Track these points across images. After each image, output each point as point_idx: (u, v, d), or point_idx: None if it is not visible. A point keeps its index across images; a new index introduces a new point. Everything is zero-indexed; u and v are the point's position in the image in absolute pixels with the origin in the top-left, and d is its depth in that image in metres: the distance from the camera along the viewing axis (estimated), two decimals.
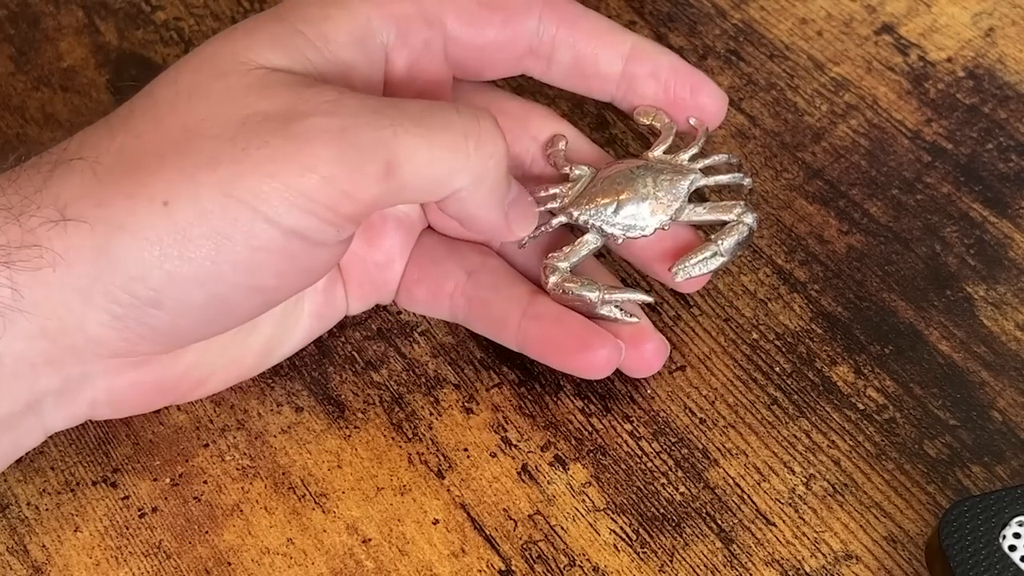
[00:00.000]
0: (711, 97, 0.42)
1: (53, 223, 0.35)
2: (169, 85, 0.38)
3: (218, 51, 0.38)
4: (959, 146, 0.47)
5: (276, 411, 0.43)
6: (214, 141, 0.35)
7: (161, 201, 0.35)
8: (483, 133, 0.37)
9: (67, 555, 0.41)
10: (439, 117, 0.36)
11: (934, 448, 0.41)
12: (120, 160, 0.36)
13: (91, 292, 0.35)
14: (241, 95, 0.36)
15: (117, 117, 0.38)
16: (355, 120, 0.35)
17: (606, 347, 0.41)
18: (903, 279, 0.45)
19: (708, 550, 0.40)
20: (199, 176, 0.35)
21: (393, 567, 0.40)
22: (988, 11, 0.51)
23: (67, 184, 0.36)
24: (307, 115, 0.35)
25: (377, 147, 0.35)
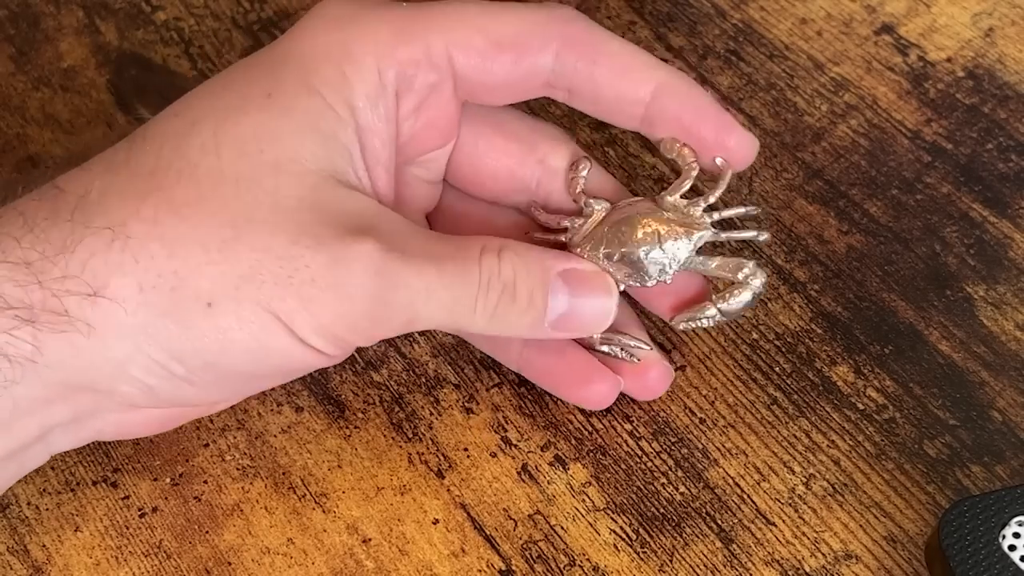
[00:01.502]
0: (738, 141, 0.40)
1: (83, 295, 0.35)
2: (208, 155, 0.37)
3: (261, 134, 0.37)
4: (959, 146, 0.48)
5: (276, 411, 0.43)
6: (262, 255, 0.36)
7: (206, 302, 0.36)
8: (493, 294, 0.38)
9: (67, 555, 0.41)
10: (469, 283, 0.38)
11: (934, 448, 0.41)
12: (154, 235, 0.36)
13: (127, 364, 0.36)
14: (294, 208, 0.36)
15: (141, 166, 0.37)
16: (395, 283, 0.36)
17: (605, 383, 0.41)
18: (903, 279, 0.45)
19: (708, 550, 0.40)
20: (244, 287, 0.36)
21: (393, 567, 0.40)
22: (988, 11, 0.51)
23: (96, 254, 0.35)
24: (358, 270, 0.36)
25: (406, 310, 0.37)
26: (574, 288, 0.39)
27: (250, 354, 0.37)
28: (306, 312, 0.36)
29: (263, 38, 0.53)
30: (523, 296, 0.38)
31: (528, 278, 0.38)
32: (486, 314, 0.38)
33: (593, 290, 0.39)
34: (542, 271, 0.39)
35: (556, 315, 0.39)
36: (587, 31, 0.40)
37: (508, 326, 0.39)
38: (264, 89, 0.38)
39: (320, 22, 0.39)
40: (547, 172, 0.42)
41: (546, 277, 0.39)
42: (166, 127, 0.38)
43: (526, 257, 0.38)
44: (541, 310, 0.39)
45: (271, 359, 0.37)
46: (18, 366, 0.35)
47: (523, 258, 0.38)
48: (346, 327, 0.37)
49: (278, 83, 0.38)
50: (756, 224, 0.42)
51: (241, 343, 0.36)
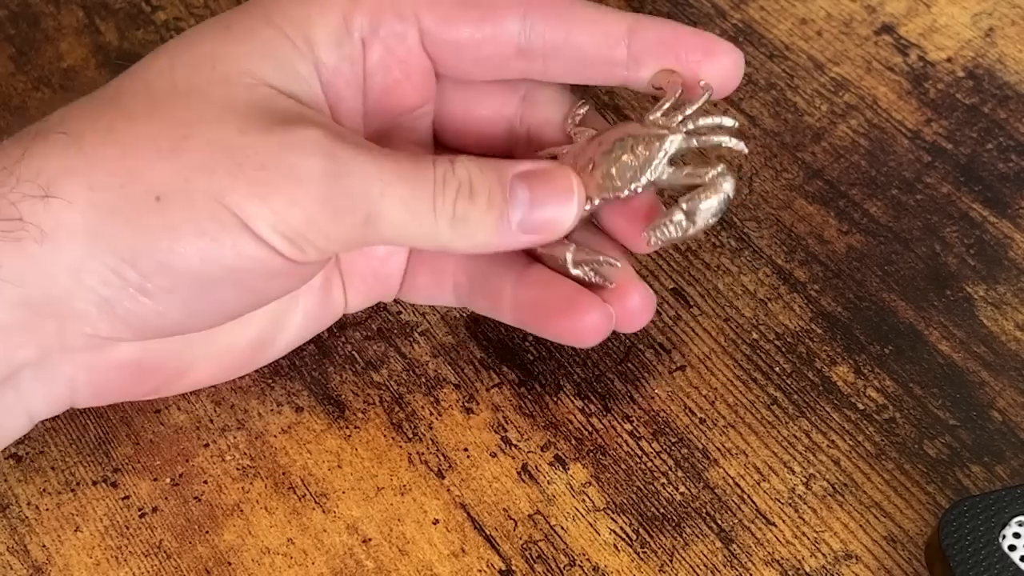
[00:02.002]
0: (726, 56, 0.40)
1: (36, 198, 0.35)
2: (164, 75, 0.38)
3: (216, 53, 0.38)
4: (959, 146, 0.48)
5: (276, 411, 0.43)
6: (211, 147, 0.36)
7: (155, 195, 0.35)
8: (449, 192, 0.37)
9: (67, 555, 0.41)
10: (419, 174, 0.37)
11: (934, 448, 0.41)
12: (109, 140, 0.36)
13: (80, 271, 0.36)
14: (243, 109, 0.37)
15: (103, 94, 0.38)
16: (348, 169, 0.36)
17: (595, 311, 0.40)
18: (903, 279, 0.45)
19: (708, 550, 0.40)
20: (194, 179, 0.35)
21: (393, 567, 0.40)
22: (988, 11, 0.51)
23: (51, 158, 0.36)
24: (301, 150, 0.36)
25: (363, 200, 0.37)
26: (533, 185, 0.39)
27: (202, 251, 0.36)
28: (259, 200, 0.35)
29: None
30: (481, 194, 0.38)
31: (483, 177, 0.38)
32: (447, 213, 0.37)
33: (553, 183, 0.39)
34: (497, 171, 0.39)
35: (520, 216, 0.38)
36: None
37: (473, 230, 0.38)
38: (223, 23, 0.39)
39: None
40: (529, 106, 0.42)
41: (502, 176, 0.38)
42: (127, 70, 0.39)
43: (479, 162, 0.39)
44: (502, 208, 0.38)
45: (225, 257, 0.36)
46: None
47: (477, 162, 0.38)
48: (301, 217, 0.36)
49: (239, 17, 0.39)
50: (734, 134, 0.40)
51: (192, 238, 0.35)
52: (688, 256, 0.46)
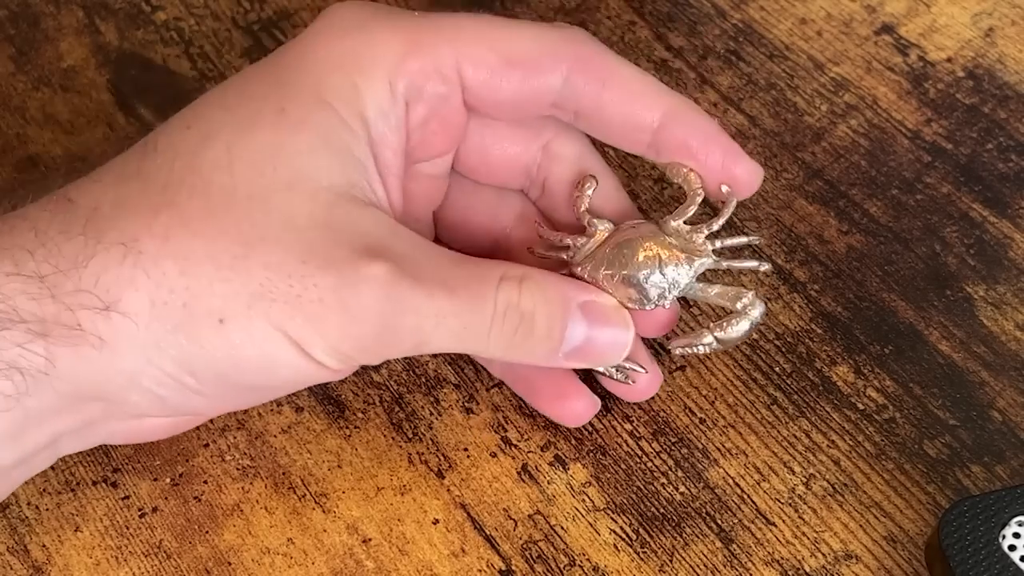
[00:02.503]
0: (745, 169, 0.40)
1: (96, 310, 0.35)
2: (222, 171, 0.37)
3: (276, 148, 0.37)
4: (959, 146, 0.48)
5: (276, 411, 0.43)
6: (271, 272, 0.36)
7: (217, 318, 0.36)
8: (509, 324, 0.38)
9: (67, 555, 0.41)
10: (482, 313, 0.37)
11: (934, 448, 0.41)
12: (167, 253, 0.36)
13: (139, 374, 0.36)
14: (304, 225, 0.36)
15: (154, 179, 0.37)
16: (404, 308, 0.36)
17: (581, 400, 0.41)
18: (903, 279, 0.45)
19: (708, 550, 0.40)
20: (255, 307, 0.36)
21: (393, 567, 0.40)
22: (988, 11, 0.51)
23: (109, 270, 0.35)
24: (363, 290, 0.36)
25: (416, 334, 0.37)
26: (592, 321, 0.39)
27: (261, 369, 0.37)
28: (314, 331, 0.36)
29: (263, 38, 0.53)
30: (542, 327, 0.38)
31: (548, 310, 0.38)
32: (501, 343, 0.38)
33: (611, 324, 0.39)
34: (563, 303, 0.38)
35: (571, 347, 0.38)
36: (599, 54, 0.40)
37: (522, 355, 0.39)
38: (276, 103, 0.38)
39: (330, 29, 0.39)
40: (548, 156, 0.42)
41: (567, 309, 0.38)
42: (178, 139, 0.38)
43: (546, 288, 0.38)
44: (558, 341, 0.38)
45: (281, 373, 0.37)
46: (31, 379, 0.35)
47: (543, 289, 0.38)
48: (354, 347, 0.37)
49: (290, 96, 0.38)
50: (757, 254, 0.41)
51: (252, 358, 0.36)
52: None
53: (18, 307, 0.35)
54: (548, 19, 0.52)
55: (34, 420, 0.36)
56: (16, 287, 0.35)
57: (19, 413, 0.36)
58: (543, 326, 0.38)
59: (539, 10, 0.53)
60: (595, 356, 0.39)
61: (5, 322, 0.35)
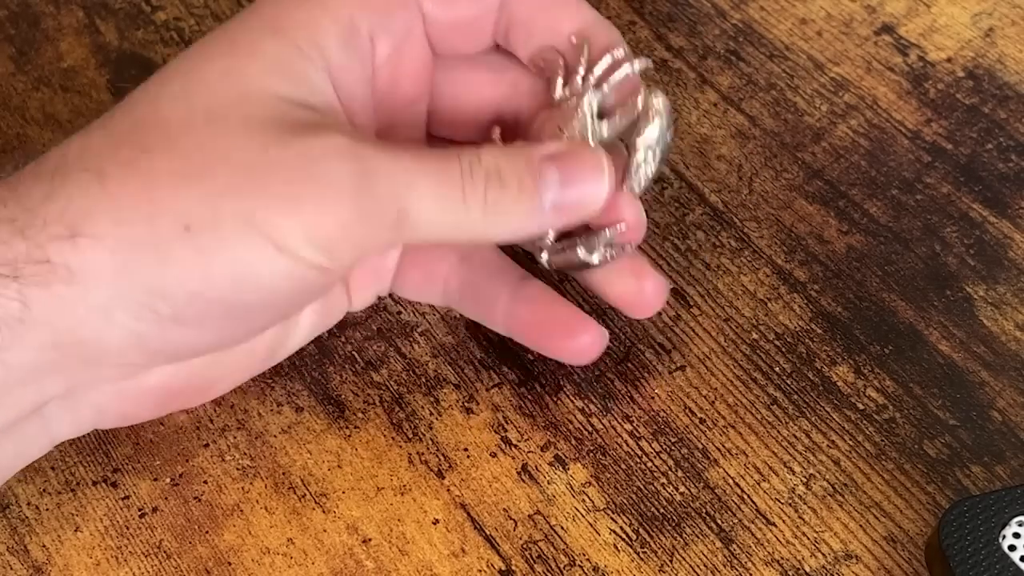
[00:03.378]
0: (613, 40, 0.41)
1: (63, 239, 0.35)
2: (178, 100, 0.37)
3: (228, 72, 0.37)
4: (959, 146, 0.48)
5: (276, 411, 0.43)
6: (235, 170, 0.35)
7: (183, 225, 0.35)
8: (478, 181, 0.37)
9: (67, 555, 0.41)
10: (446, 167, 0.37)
11: (934, 448, 0.41)
12: (131, 174, 0.36)
13: (111, 308, 0.35)
14: (262, 126, 0.36)
15: (118, 124, 0.37)
16: (374, 169, 0.36)
17: (590, 333, 0.42)
18: (903, 279, 0.45)
19: (708, 550, 0.40)
20: (221, 204, 0.35)
21: (393, 567, 0.40)
22: (988, 11, 0.51)
23: (75, 198, 0.35)
24: (326, 159, 0.36)
25: (390, 197, 0.36)
26: (562, 165, 0.38)
27: (235, 276, 0.35)
28: (290, 216, 0.35)
29: None
30: (511, 180, 0.38)
31: (511, 163, 0.38)
32: (478, 203, 0.37)
33: (582, 161, 0.39)
34: (524, 156, 0.38)
35: (551, 199, 0.38)
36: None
37: (506, 217, 0.38)
38: (230, 37, 0.38)
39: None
40: (515, 91, 0.43)
41: (530, 160, 0.38)
42: (138, 92, 0.38)
43: (505, 149, 0.39)
44: (532, 192, 0.38)
45: (259, 279, 0.36)
46: (7, 329, 0.35)
47: (503, 150, 0.38)
48: (335, 229, 0.36)
49: (245, 30, 0.39)
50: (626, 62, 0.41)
51: (224, 265, 0.35)
52: (688, 256, 0.46)
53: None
54: None
55: (16, 378, 0.36)
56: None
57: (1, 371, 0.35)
58: (512, 180, 0.38)
59: None
60: (580, 200, 0.39)
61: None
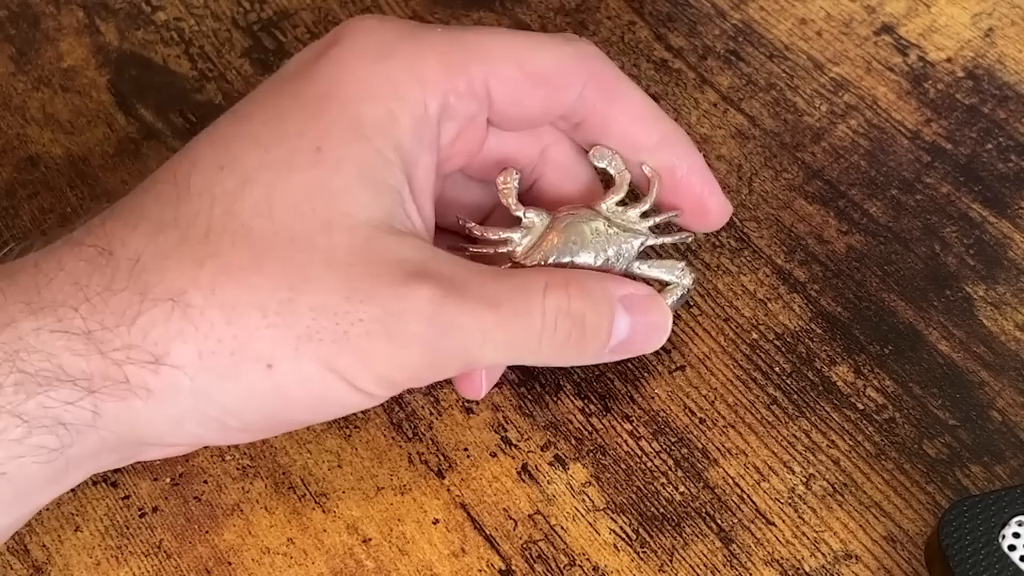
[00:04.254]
0: (717, 203, 0.42)
1: (144, 364, 0.35)
2: (262, 216, 0.36)
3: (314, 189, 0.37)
4: (959, 146, 0.48)
5: None
6: (317, 313, 0.36)
7: (266, 364, 0.36)
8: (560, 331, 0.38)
9: (67, 554, 0.41)
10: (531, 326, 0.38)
11: (934, 448, 0.41)
12: (214, 303, 0.36)
13: (183, 422, 0.37)
14: (346, 262, 0.36)
15: (198, 234, 0.36)
16: (451, 329, 0.36)
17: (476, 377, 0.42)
18: (903, 279, 0.45)
19: (708, 550, 0.40)
20: (302, 348, 0.36)
21: (393, 567, 0.40)
22: (988, 11, 0.51)
23: (157, 326, 0.35)
24: (406, 319, 0.36)
25: (463, 354, 0.37)
26: (633, 312, 0.40)
27: (310, 406, 0.37)
28: (362, 365, 0.36)
29: (263, 38, 0.53)
30: (591, 329, 0.38)
31: (595, 309, 0.39)
32: (553, 350, 0.38)
33: (651, 312, 0.40)
34: (607, 301, 0.39)
35: (617, 341, 0.39)
36: (610, 72, 0.41)
37: (573, 358, 0.39)
38: (312, 141, 0.37)
39: (359, 52, 0.39)
40: (543, 161, 0.43)
41: (612, 307, 0.39)
42: (212, 182, 0.37)
43: (591, 288, 0.39)
44: (607, 339, 0.39)
45: (329, 408, 0.38)
46: (75, 431, 0.35)
47: (589, 290, 0.39)
48: (402, 374, 0.37)
49: (326, 132, 0.38)
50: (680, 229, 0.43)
51: (301, 399, 0.37)
52: (688, 256, 0.46)
53: (64, 364, 0.35)
54: (548, 19, 0.52)
55: (75, 464, 0.37)
56: (62, 345, 0.35)
57: (61, 462, 0.36)
58: (593, 327, 0.38)
59: (539, 10, 0.53)
60: (639, 346, 0.40)
61: (52, 381, 0.35)
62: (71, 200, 0.48)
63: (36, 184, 0.49)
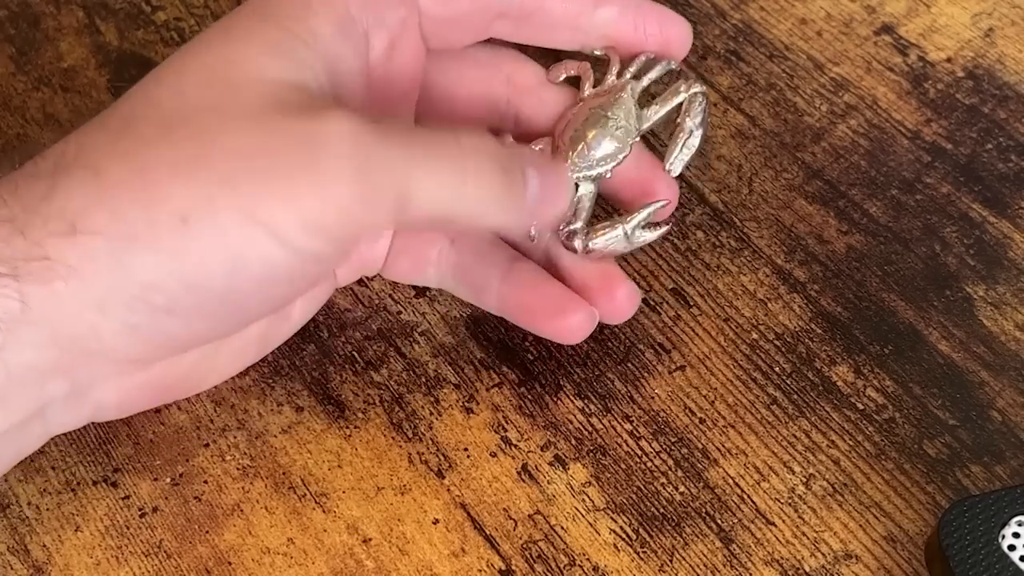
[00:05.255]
0: (677, 27, 0.44)
1: (62, 235, 0.35)
2: (173, 91, 0.37)
3: (222, 60, 0.37)
4: (959, 146, 0.48)
5: (276, 411, 0.43)
6: (232, 159, 0.35)
7: (179, 217, 0.34)
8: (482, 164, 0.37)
9: (68, 555, 0.41)
10: (447, 149, 0.37)
11: (934, 448, 0.41)
12: (128, 168, 0.35)
13: (106, 302, 0.35)
14: (259, 111, 0.36)
15: (115, 120, 0.37)
16: (371, 152, 0.35)
17: (580, 312, 0.42)
18: (903, 279, 0.45)
19: (708, 550, 0.40)
20: (218, 195, 0.34)
21: (393, 567, 0.40)
22: (988, 11, 0.51)
23: (73, 194, 0.35)
24: (325, 144, 0.35)
25: (391, 181, 0.36)
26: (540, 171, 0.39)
27: (233, 267, 0.35)
28: (288, 205, 0.34)
29: None
30: (508, 172, 0.38)
31: (508, 157, 0.38)
32: (479, 187, 0.37)
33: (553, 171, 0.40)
34: (518, 151, 0.40)
35: (531, 195, 0.39)
36: None
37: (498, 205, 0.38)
38: (223, 26, 0.38)
39: None
40: (515, 89, 0.43)
41: (522, 157, 0.39)
42: (135, 88, 0.38)
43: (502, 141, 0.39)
44: (522, 188, 0.38)
45: (256, 269, 0.35)
46: (6, 328, 0.35)
47: (500, 141, 0.39)
48: (335, 213, 0.35)
49: (237, 20, 0.38)
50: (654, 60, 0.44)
51: (221, 256, 0.35)
52: (688, 256, 0.46)
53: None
54: None
55: (17, 379, 0.36)
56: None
57: (0, 372, 0.35)
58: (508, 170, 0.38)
59: None
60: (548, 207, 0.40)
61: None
62: None
63: None
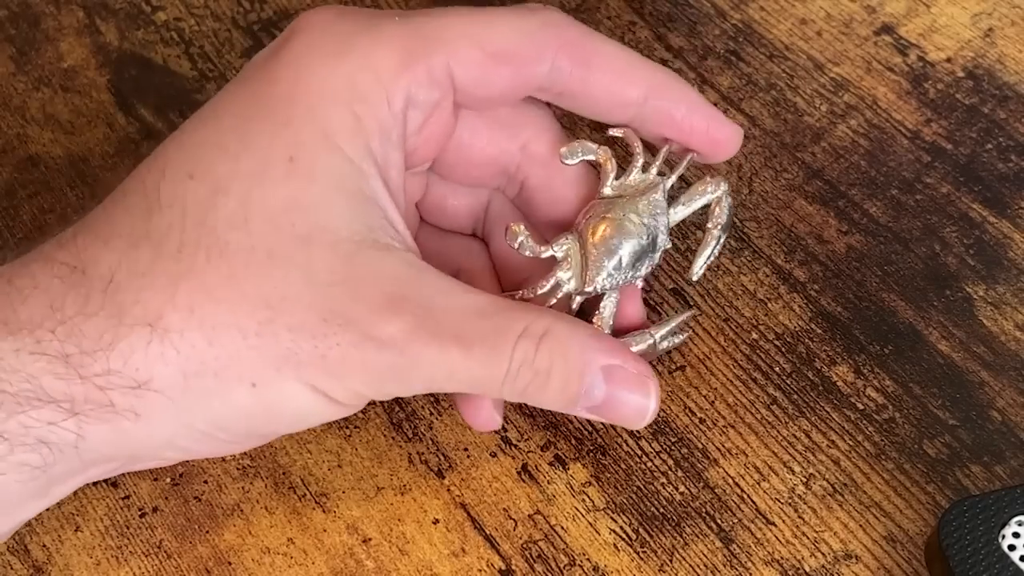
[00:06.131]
0: (726, 133, 0.41)
1: (128, 388, 0.35)
2: (238, 229, 0.36)
3: (291, 204, 0.36)
4: (959, 146, 0.48)
5: None
6: (296, 335, 0.36)
7: (249, 383, 0.36)
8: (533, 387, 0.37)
9: (68, 554, 0.41)
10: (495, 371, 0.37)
11: (934, 448, 0.41)
12: (193, 325, 0.35)
13: (173, 438, 0.37)
14: (327, 283, 0.36)
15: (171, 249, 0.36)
16: (416, 361, 0.36)
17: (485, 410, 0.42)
18: (903, 279, 0.45)
19: (708, 550, 0.40)
20: (283, 368, 0.36)
21: (393, 567, 0.40)
22: (988, 11, 0.51)
23: (137, 351, 0.35)
24: (378, 344, 0.36)
25: (427, 382, 0.37)
26: (613, 385, 0.38)
27: (293, 421, 0.38)
28: (339, 383, 0.37)
29: (263, 38, 0.53)
30: (556, 383, 0.37)
31: (565, 368, 0.37)
32: (514, 394, 0.37)
33: (633, 390, 0.38)
34: (582, 363, 0.37)
35: (591, 403, 0.38)
36: (581, 36, 0.40)
37: (538, 403, 0.38)
38: (284, 150, 0.37)
39: (317, 48, 0.38)
40: (527, 158, 0.42)
41: (585, 369, 0.37)
42: (183, 192, 0.37)
43: (567, 346, 0.37)
44: (575, 395, 0.38)
45: (311, 419, 0.39)
46: (58, 451, 0.36)
47: (563, 347, 0.37)
48: (371, 390, 0.38)
49: (296, 140, 0.37)
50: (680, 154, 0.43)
51: (285, 414, 0.37)
52: (688, 256, 0.46)
53: (45, 386, 0.35)
54: None
55: (59, 480, 0.37)
56: (41, 367, 0.35)
57: (44, 480, 0.36)
58: (558, 382, 0.37)
59: None
60: (616, 417, 0.39)
61: (33, 401, 0.35)
62: (71, 200, 0.48)
63: (36, 184, 0.49)
